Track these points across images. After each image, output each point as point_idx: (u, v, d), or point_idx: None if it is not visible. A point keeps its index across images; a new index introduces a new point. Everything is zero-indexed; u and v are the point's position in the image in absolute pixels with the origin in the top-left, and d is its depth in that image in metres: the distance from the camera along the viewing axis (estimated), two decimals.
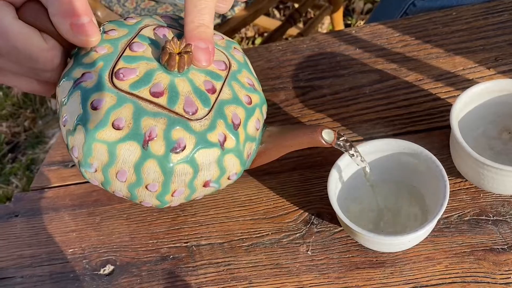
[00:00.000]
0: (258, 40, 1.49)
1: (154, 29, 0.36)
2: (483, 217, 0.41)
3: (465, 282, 0.38)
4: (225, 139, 0.34)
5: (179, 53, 0.33)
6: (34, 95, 1.52)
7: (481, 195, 0.42)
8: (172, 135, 0.33)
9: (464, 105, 0.41)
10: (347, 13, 1.45)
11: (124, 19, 0.37)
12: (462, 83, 0.49)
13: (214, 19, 0.37)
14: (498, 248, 0.39)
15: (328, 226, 0.43)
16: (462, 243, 0.40)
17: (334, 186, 0.39)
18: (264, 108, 0.39)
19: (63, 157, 0.55)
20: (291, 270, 0.41)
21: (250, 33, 1.52)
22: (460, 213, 0.41)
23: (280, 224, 0.44)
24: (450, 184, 0.37)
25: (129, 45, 0.34)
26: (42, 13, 0.32)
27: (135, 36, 0.35)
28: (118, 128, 0.32)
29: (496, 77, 0.48)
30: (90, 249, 0.47)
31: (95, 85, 0.33)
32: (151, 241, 0.46)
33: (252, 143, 0.37)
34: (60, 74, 0.35)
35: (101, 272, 0.45)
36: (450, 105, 0.47)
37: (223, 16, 0.85)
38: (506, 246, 0.39)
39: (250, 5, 0.88)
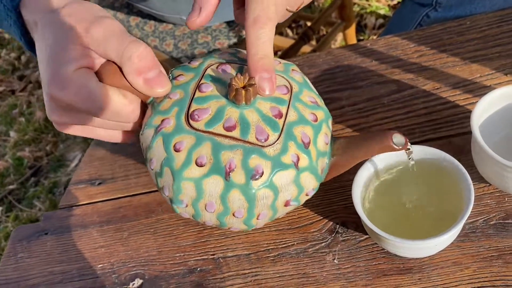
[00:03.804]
0: None
1: (216, 67, 0.39)
2: (510, 221, 0.41)
3: (494, 286, 0.38)
4: (298, 159, 0.36)
5: (244, 87, 0.36)
6: None
7: (506, 199, 0.42)
8: (249, 163, 0.35)
9: (483, 110, 0.42)
10: (359, 29, 1.46)
11: (188, 63, 0.40)
12: (479, 90, 0.49)
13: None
14: None
15: (354, 234, 0.43)
16: (489, 247, 0.40)
17: (358, 193, 0.40)
18: (330, 121, 0.40)
19: (89, 176, 0.57)
20: (318, 279, 0.42)
21: None
22: (486, 218, 0.41)
23: (305, 234, 0.45)
24: (474, 189, 0.37)
25: (198, 87, 0.38)
26: (118, 73, 0.36)
27: (202, 78, 0.38)
28: (201, 165, 0.35)
29: None
30: (119, 264, 0.48)
31: (174, 129, 0.36)
32: (178, 254, 0.47)
33: (324, 158, 0.39)
34: (140, 122, 0.39)
35: (131, 286, 0.46)
36: (469, 111, 0.48)
37: (239, 36, 0.87)
38: None
39: None
